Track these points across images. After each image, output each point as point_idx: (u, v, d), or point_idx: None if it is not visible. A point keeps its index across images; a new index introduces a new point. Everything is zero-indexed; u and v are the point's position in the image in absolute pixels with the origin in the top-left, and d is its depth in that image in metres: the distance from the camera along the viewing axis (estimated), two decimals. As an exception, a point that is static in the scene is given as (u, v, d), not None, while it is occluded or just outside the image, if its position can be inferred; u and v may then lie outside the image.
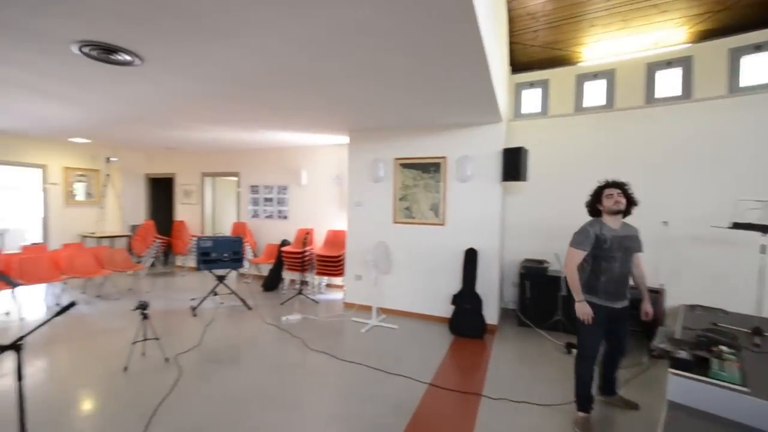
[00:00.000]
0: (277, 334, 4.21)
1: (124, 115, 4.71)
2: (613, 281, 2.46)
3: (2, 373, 3.10)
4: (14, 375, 1.36)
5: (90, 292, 5.66)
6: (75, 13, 2.16)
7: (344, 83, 3.25)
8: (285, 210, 6.95)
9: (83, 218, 7.49)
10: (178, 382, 3.04)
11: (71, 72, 3.15)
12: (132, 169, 8.29)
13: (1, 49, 2.70)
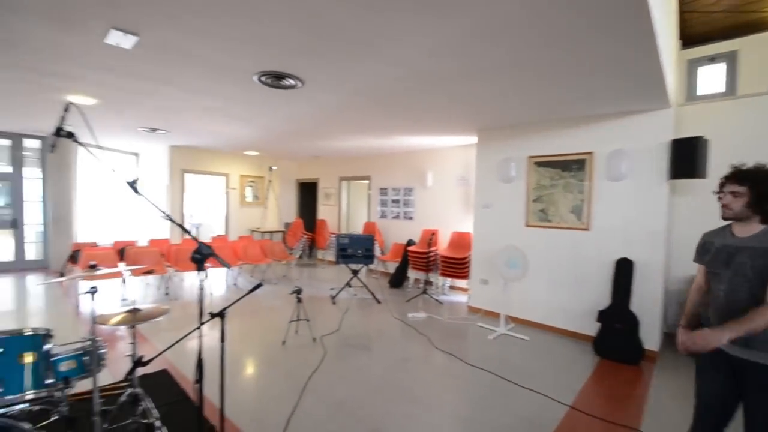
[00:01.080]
0: (404, 330, 4.40)
1: (284, 131, 5.61)
2: (717, 311, 1.67)
3: (203, 333, 4.04)
4: (219, 336, 1.76)
5: (256, 276, 6.92)
6: (258, 50, 2.68)
7: (476, 82, 3.20)
8: (410, 211, 7.21)
9: (251, 216, 9.20)
10: (323, 360, 3.46)
11: (250, 98, 3.91)
12: (287, 175, 9.80)
13: (205, 83, 3.52)
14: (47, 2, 2.12)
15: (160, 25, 2.36)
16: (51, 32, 2.51)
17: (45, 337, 1.48)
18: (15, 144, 6.88)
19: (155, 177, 8.46)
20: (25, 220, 7.04)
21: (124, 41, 2.53)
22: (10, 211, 6.99)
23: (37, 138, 7.06)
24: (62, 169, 7.03)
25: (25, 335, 1.42)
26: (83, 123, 2.50)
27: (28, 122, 5.85)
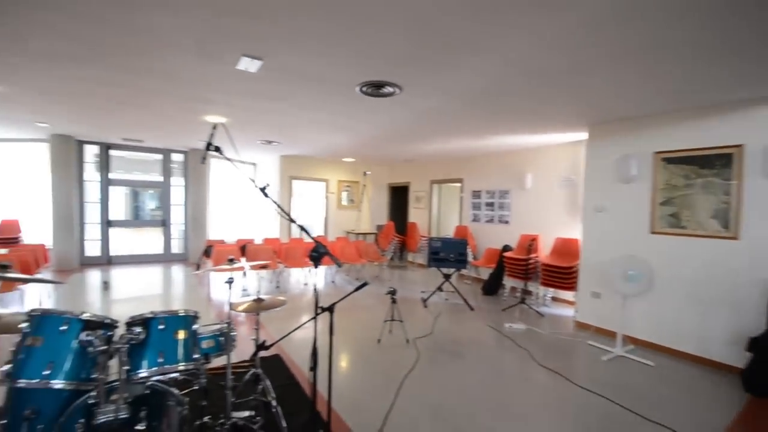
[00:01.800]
0: (500, 340, 4.17)
1: (379, 137, 5.83)
2: None
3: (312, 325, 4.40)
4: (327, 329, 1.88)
5: (351, 275, 7.30)
6: (362, 63, 2.82)
7: (591, 74, 2.89)
8: (506, 215, 6.84)
9: (347, 218, 9.75)
10: (417, 362, 3.47)
11: (352, 108, 4.15)
12: (379, 179, 10.16)
13: (315, 98, 3.84)
14: (196, 40, 2.56)
15: (282, 49, 2.66)
16: (197, 64, 3.02)
17: (194, 318, 1.78)
18: (165, 158, 8.44)
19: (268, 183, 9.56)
20: (172, 221, 8.58)
21: (251, 66, 2.91)
22: (161, 213, 8.62)
23: (181, 152, 8.55)
24: (199, 178, 8.39)
25: (180, 315, 1.73)
26: (218, 139, 2.91)
27: (175, 140, 7.12)
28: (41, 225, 7.39)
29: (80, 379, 1.51)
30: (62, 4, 2.15)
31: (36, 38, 2.61)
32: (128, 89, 3.79)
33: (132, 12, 2.21)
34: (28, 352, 1.45)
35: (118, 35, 2.54)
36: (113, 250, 7.97)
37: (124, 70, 3.24)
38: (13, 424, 1.63)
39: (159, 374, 1.62)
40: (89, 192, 7.67)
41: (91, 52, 2.85)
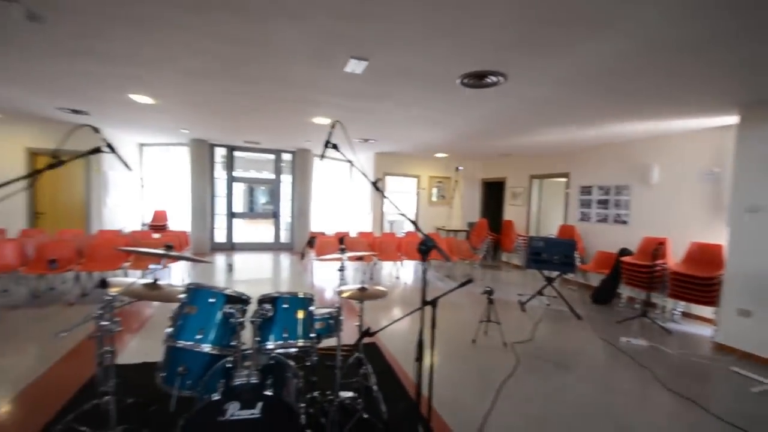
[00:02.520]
0: (615, 355, 3.70)
1: (476, 131, 5.64)
2: None
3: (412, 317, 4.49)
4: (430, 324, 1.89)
5: (442, 272, 7.23)
6: (465, 53, 2.74)
7: (749, 40, 2.35)
8: (624, 214, 6.02)
9: (438, 215, 9.68)
10: (516, 368, 3.28)
11: (449, 101, 4.08)
12: (471, 175, 9.86)
13: (415, 95, 3.87)
14: (310, 47, 2.78)
15: (386, 48, 2.74)
16: (309, 69, 3.28)
17: (310, 301, 1.96)
18: (277, 157, 9.42)
19: (363, 180, 10.00)
20: (281, 213, 9.56)
21: (358, 67, 3.06)
22: (272, 207, 9.68)
23: (290, 152, 9.45)
24: (304, 176, 9.18)
25: (299, 297, 1.91)
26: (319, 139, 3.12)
27: (285, 141, 7.90)
28: (182, 214, 8.93)
29: (222, 345, 1.77)
30: (204, 26, 2.52)
31: (185, 58, 3.12)
32: (251, 97, 4.32)
33: (257, 25, 2.50)
34: (185, 318, 1.75)
35: (245, 50, 2.90)
36: (235, 238, 9.23)
37: (248, 81, 3.70)
38: (169, 377, 1.99)
39: (282, 348, 1.82)
40: (217, 188, 8.99)
41: (223, 67, 3.31)
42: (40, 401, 2.50)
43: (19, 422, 2.27)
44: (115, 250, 4.76)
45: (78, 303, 4.58)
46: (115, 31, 2.63)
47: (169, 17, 2.40)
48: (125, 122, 6.47)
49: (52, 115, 5.93)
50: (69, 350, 3.25)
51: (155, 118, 5.84)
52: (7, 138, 6.71)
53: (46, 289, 5.04)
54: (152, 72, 3.53)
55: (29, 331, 3.67)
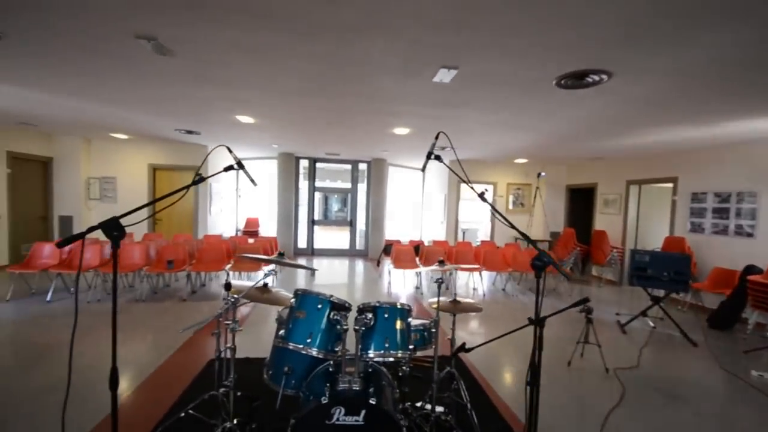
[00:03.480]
0: (742, 390, 3.13)
1: (566, 133, 5.25)
2: None
3: (481, 332, 4.31)
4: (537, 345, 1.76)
5: (523, 285, 6.82)
6: (563, 53, 2.57)
7: None
8: (749, 225, 5.11)
9: (516, 224, 9.18)
10: (623, 398, 2.94)
11: (539, 104, 3.86)
12: (555, 181, 9.20)
13: (502, 99, 3.74)
14: (401, 60, 2.84)
15: (478, 55, 2.68)
16: (396, 82, 3.36)
17: (408, 312, 1.97)
18: (353, 167, 9.79)
19: (433, 188, 9.94)
20: (357, 221, 9.89)
21: (446, 76, 3.05)
22: (344, 214, 10.06)
23: (365, 162, 9.77)
24: (379, 184, 9.41)
25: (398, 307, 1.93)
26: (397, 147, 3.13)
27: (362, 151, 8.18)
28: (270, 221, 9.72)
29: (327, 350, 1.85)
30: (305, 48, 2.71)
31: (285, 79, 3.40)
32: (338, 112, 4.55)
33: (352, 43, 2.61)
34: (295, 322, 1.87)
35: (338, 68, 3.06)
36: (315, 244, 9.76)
37: (337, 96, 3.90)
38: (276, 375, 2.13)
39: (381, 357, 1.84)
40: (301, 197, 9.62)
41: (318, 85, 3.54)
42: (164, 386, 2.86)
43: (150, 403, 2.61)
44: (238, 257, 5.35)
45: (189, 299, 5.21)
46: (231, 59, 2.96)
47: (278, 43, 2.63)
48: (228, 140, 7.25)
49: (170, 135, 6.88)
50: (183, 342, 3.69)
51: (253, 136, 6.45)
52: (135, 155, 7.96)
53: (163, 286, 5.82)
54: (257, 94, 3.91)
55: (150, 322, 4.25)
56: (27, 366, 3.11)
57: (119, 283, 5.72)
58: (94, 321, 4.22)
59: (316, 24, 2.34)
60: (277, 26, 2.38)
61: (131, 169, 7.96)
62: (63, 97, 4.33)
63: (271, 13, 2.22)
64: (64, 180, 7.57)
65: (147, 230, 7.71)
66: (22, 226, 6.91)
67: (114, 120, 5.67)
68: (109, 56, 2.99)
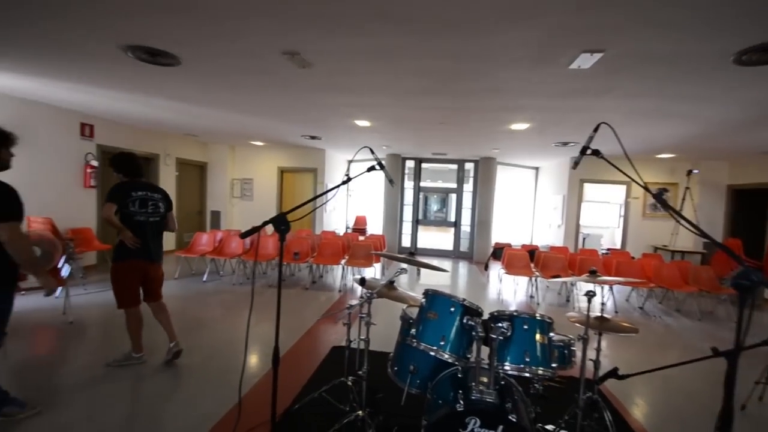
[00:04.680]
0: None
1: (738, 120, 4.24)
2: None
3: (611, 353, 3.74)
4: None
5: (667, 305, 5.74)
6: (749, 18, 2.03)
7: None
8: None
9: (656, 230, 7.81)
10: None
11: (704, 86, 3.17)
12: (711, 180, 7.55)
13: (650, 83, 3.17)
14: (533, 48, 2.61)
15: (630, 33, 2.30)
16: (524, 74, 3.11)
17: (550, 325, 1.78)
18: (459, 167, 9.57)
19: (546, 188, 9.08)
20: (462, 222, 9.64)
21: (586, 62, 2.70)
22: (443, 215, 9.86)
23: (472, 161, 9.46)
24: (486, 184, 9.01)
25: (538, 319, 1.76)
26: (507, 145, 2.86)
27: (470, 150, 7.92)
28: (376, 220, 10.13)
29: (459, 355, 1.78)
30: (428, 47, 2.69)
31: (405, 80, 3.44)
32: (453, 110, 4.45)
33: (480, 37, 2.49)
34: (426, 322, 1.85)
35: (464, 64, 2.96)
36: (421, 243, 9.84)
37: (456, 94, 3.80)
38: (401, 372, 2.15)
39: (519, 371, 1.70)
40: (405, 197, 9.80)
41: (438, 84, 3.49)
42: (296, 366, 3.15)
43: (285, 380, 2.89)
44: (370, 253, 5.76)
45: (310, 288, 5.72)
46: (359, 66, 3.12)
47: (404, 44, 2.67)
48: (343, 143, 7.79)
49: (296, 140, 7.68)
50: (308, 329, 4.04)
51: (366, 138, 6.79)
52: (267, 160, 9.11)
53: (290, 275, 6.51)
54: (377, 97, 4.07)
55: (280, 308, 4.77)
56: (189, 333, 3.77)
57: (257, 269, 6.64)
58: (237, 299, 4.95)
59: (448, 22, 2.29)
60: (407, 28, 2.40)
61: (264, 171, 9.14)
62: (219, 110, 5.16)
63: (410, 17, 2.24)
64: (214, 181, 9.08)
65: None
66: (184, 219, 8.50)
67: (254, 129, 6.56)
68: (258, 73, 3.43)
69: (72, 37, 2.78)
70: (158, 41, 2.79)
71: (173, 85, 3.95)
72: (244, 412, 2.25)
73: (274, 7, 2.21)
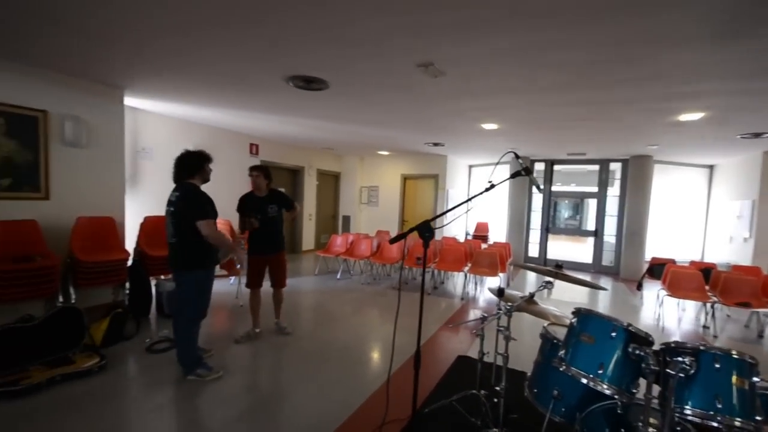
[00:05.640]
0: None
1: None
2: None
3: None
4: None
5: None
6: None
7: None
8: None
9: None
10: None
11: None
12: None
13: None
14: (714, 23, 2.11)
15: None
16: (696, 54, 2.54)
17: (752, 366, 1.39)
18: (602, 168, 8.37)
19: (727, 191, 7.17)
20: (605, 231, 8.40)
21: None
22: (576, 223, 8.66)
23: (618, 161, 8.18)
24: (639, 187, 7.66)
25: (735, 357, 1.39)
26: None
27: (619, 148, 6.86)
28: (499, 227, 9.62)
29: (620, 388, 1.53)
30: (567, 36, 2.41)
31: (544, 74, 3.17)
32: (599, 104, 3.93)
33: (651, 17, 2.12)
34: (578, 346, 1.65)
35: (621, 51, 2.58)
36: (550, 254, 8.96)
37: (604, 87, 3.34)
38: (542, 396, 1.96)
39: (706, 419, 1.37)
40: (534, 202, 9.06)
41: (584, 77, 3.12)
42: (421, 370, 3.19)
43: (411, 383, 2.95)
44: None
45: (432, 294, 5.77)
46: (491, 68, 3.03)
47: (540, 40, 2.47)
48: (465, 148, 7.67)
49: (419, 148, 7.88)
50: (431, 334, 4.05)
51: (491, 141, 6.54)
52: (391, 168, 9.59)
53: (412, 278, 6.69)
54: (507, 99, 3.88)
55: (402, 309, 4.89)
56: (326, 325, 4.18)
57: (381, 271, 7.03)
58: (365, 298, 5.32)
59: (598, 8, 2.03)
60: (547, 22, 2.22)
61: (388, 179, 9.66)
62: (355, 125, 5.67)
63: (553, 9, 2.08)
64: (346, 189, 10.00)
65: (396, 230, 9.14)
66: (321, 222, 9.56)
67: (382, 140, 6.99)
68: (392, 88, 3.64)
69: (247, 74, 3.43)
70: (313, 69, 3.22)
71: (321, 106, 4.50)
72: (373, 408, 2.38)
73: (410, 23, 2.31)
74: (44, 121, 3.59)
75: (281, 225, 3.67)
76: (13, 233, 3.32)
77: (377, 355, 3.53)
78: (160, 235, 3.23)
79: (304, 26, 2.42)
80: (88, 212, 3.90)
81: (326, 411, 2.49)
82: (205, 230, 2.63)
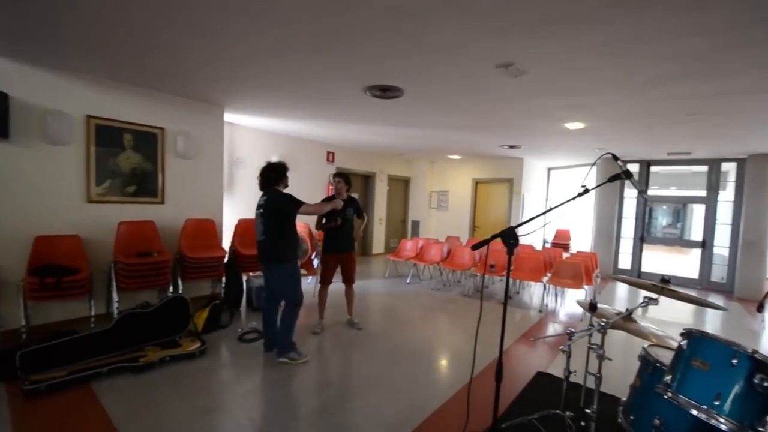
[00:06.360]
0: None
1: None
2: None
3: None
4: None
5: None
6: None
7: None
8: None
9: None
10: None
11: None
12: None
13: None
14: None
15: None
16: None
17: None
18: (711, 169, 7.25)
19: None
20: (715, 242, 7.24)
21: None
22: (675, 231, 7.50)
23: (733, 161, 7.02)
24: (759, 191, 6.48)
25: None
26: None
27: (736, 145, 5.89)
28: (583, 235, 8.82)
29: (742, 424, 1.31)
30: (692, 25, 2.13)
31: (647, 65, 2.85)
32: (716, 96, 3.42)
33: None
34: (688, 371, 1.45)
35: (748, 31, 2.22)
36: (644, 266, 7.98)
37: (719, 75, 2.91)
38: (639, 424, 1.75)
39: None
40: (626, 208, 8.15)
41: (697, 65, 2.75)
42: (501, 383, 3.05)
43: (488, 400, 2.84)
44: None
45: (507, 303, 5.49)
46: (582, 63, 2.81)
47: (644, 32, 2.24)
48: (543, 151, 7.22)
49: (492, 151, 7.61)
50: (507, 346, 3.85)
51: (575, 142, 6.06)
52: (463, 172, 9.39)
53: (484, 286, 6.46)
54: (598, 95, 3.58)
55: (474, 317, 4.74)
56: (399, 329, 4.22)
57: (451, 278, 6.91)
58: (434, 304, 5.27)
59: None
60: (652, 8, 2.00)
61: (459, 183, 9.47)
62: (428, 130, 5.67)
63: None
64: (415, 193, 10.04)
65: (468, 236, 8.91)
66: (391, 226, 9.71)
67: (454, 144, 6.90)
68: (469, 90, 3.58)
69: (330, 87, 3.65)
70: (389, 78, 3.32)
71: (395, 113, 4.60)
72: (448, 415, 2.34)
73: (493, 24, 2.25)
74: (162, 137, 4.22)
75: (353, 228, 3.99)
76: (136, 232, 3.94)
77: (447, 362, 3.48)
78: (251, 236, 3.60)
79: (386, 36, 2.49)
80: (194, 215, 4.48)
81: (401, 412, 2.52)
82: (307, 210, 3.15)
